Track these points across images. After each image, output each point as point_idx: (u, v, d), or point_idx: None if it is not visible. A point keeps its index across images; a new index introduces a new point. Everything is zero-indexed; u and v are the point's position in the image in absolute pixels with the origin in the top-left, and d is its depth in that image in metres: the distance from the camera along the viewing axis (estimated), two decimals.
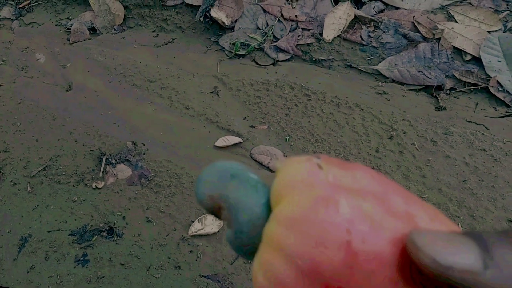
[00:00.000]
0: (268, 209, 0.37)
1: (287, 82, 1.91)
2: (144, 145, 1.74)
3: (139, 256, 1.42)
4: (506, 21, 1.95)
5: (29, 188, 1.62)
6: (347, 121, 1.75)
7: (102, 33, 2.31)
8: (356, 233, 0.31)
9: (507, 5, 2.00)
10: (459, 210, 1.46)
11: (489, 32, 1.90)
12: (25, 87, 2.02)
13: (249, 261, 1.40)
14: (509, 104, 1.74)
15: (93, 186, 1.61)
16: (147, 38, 2.25)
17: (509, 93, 1.76)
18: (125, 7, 2.34)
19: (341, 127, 1.73)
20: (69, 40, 2.29)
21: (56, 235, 1.49)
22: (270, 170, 1.63)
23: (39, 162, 1.70)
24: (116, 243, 1.45)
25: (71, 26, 2.33)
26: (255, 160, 1.67)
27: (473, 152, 1.61)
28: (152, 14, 2.30)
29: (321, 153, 1.66)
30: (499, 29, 1.91)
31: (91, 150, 1.72)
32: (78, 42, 2.28)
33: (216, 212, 0.40)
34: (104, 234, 1.48)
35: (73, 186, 1.62)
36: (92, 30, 2.34)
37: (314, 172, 0.34)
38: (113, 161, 1.68)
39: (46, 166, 1.68)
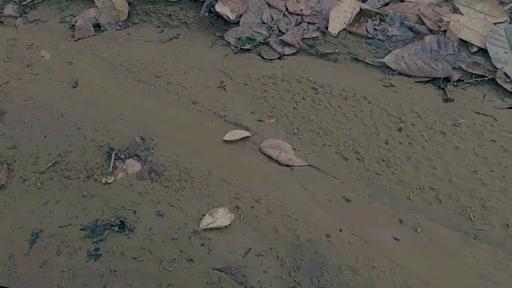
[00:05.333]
0: None
1: (294, 76, 1.92)
2: (153, 140, 1.74)
3: (151, 250, 1.42)
4: None
5: (38, 184, 1.62)
6: (355, 114, 1.75)
7: (107, 30, 2.31)
8: None
9: None
10: (471, 201, 1.46)
11: (494, 23, 1.90)
12: (32, 84, 2.02)
13: None
14: None
15: (103, 181, 1.61)
16: (152, 34, 2.25)
17: None
18: (129, 3, 2.33)
19: (349, 119, 1.74)
20: (73, 37, 2.29)
21: (67, 230, 1.49)
22: (280, 164, 1.64)
23: (48, 158, 1.70)
24: (128, 237, 1.46)
25: (75, 23, 2.33)
26: (264, 154, 1.67)
27: (483, 143, 1.61)
28: (157, 9, 2.30)
29: (330, 146, 1.67)
30: (505, 21, 1.91)
31: (99, 146, 1.72)
32: (83, 38, 2.28)
33: None
34: (116, 228, 1.48)
35: (83, 181, 1.62)
36: (97, 26, 2.34)
37: None
38: (122, 156, 1.68)
39: (56, 162, 1.68)
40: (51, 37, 2.30)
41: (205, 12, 2.18)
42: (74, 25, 2.33)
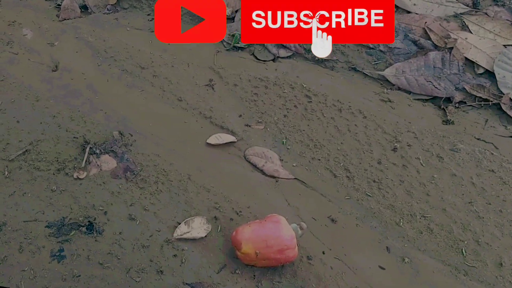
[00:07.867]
0: None
1: (287, 80, 1.82)
2: (132, 136, 1.63)
3: (119, 256, 1.32)
4: None
5: (6, 173, 1.51)
6: (349, 128, 1.66)
7: (94, 12, 2.20)
8: None
9: None
10: (464, 234, 1.38)
11: (504, 46, 1.82)
12: (10, 64, 1.90)
13: None
14: None
15: (75, 176, 1.50)
16: (142, 22, 2.14)
17: None
18: None
19: (342, 133, 1.65)
20: (58, 17, 2.18)
21: (32, 226, 1.38)
22: (265, 174, 1.54)
23: (18, 146, 1.58)
24: (96, 240, 1.35)
25: (61, 2, 2.21)
26: (249, 162, 1.58)
27: (481, 172, 1.53)
28: None
29: (319, 160, 1.58)
30: None
31: (74, 137, 1.61)
32: (68, 19, 2.17)
33: None
34: (83, 229, 1.37)
35: (53, 174, 1.51)
36: (84, 8, 2.23)
37: None
38: (98, 151, 1.57)
39: (26, 151, 1.57)
40: (35, 15, 2.18)
41: None
42: (60, 5, 2.21)
